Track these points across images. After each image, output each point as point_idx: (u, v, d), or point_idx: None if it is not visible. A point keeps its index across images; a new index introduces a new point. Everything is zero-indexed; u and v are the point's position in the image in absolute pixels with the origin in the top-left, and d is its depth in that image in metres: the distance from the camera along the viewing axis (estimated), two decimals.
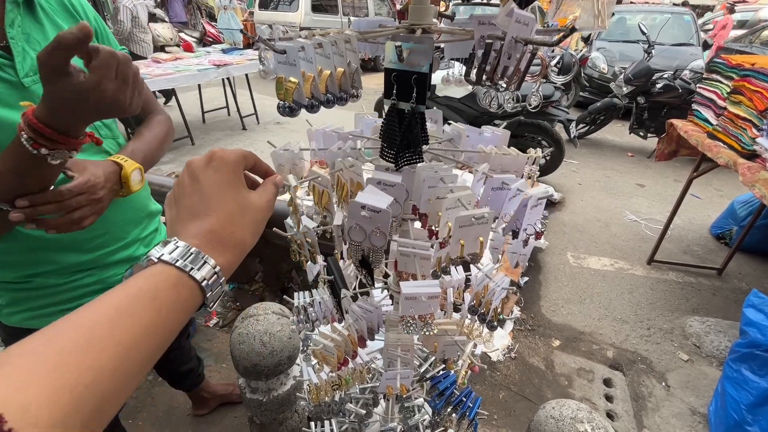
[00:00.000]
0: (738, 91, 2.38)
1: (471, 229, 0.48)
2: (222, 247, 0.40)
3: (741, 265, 3.17)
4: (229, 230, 0.40)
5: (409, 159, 0.48)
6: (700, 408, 2.06)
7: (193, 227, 0.40)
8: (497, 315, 0.61)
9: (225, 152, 0.43)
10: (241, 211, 0.42)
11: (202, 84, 5.70)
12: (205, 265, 0.37)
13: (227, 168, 0.42)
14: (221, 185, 0.41)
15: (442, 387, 0.80)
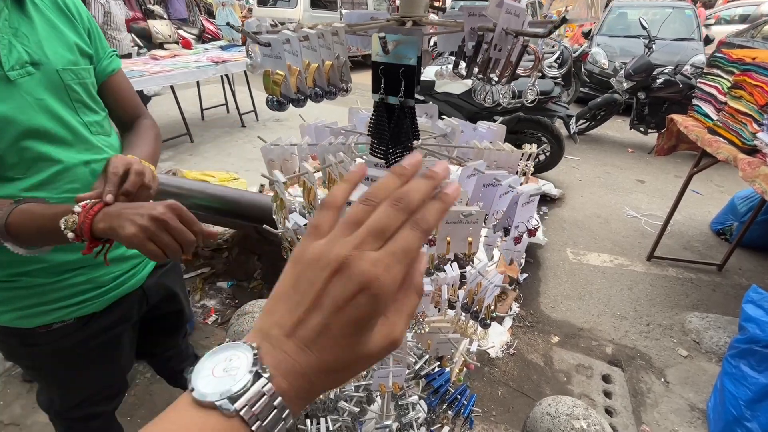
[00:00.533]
0: (738, 86, 2.36)
1: (459, 227, 0.47)
2: (305, 396, 0.31)
3: (741, 261, 3.16)
4: (323, 381, 0.31)
5: (399, 155, 0.47)
6: (699, 404, 2.06)
7: (289, 358, 0.30)
8: (490, 312, 0.60)
9: (383, 286, 0.30)
10: (350, 362, 0.31)
11: (200, 81, 5.68)
12: (280, 424, 0.29)
13: (372, 310, 0.30)
14: (352, 325, 0.30)
15: (436, 384, 0.80)
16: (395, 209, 0.32)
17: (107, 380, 1.16)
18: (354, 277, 0.29)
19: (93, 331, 1.01)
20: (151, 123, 1.10)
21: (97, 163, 0.93)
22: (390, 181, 0.34)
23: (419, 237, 0.32)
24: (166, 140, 4.95)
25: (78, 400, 1.12)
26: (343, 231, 0.32)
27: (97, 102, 0.97)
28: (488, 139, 0.68)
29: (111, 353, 1.10)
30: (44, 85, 0.83)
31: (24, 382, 1.96)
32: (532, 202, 0.51)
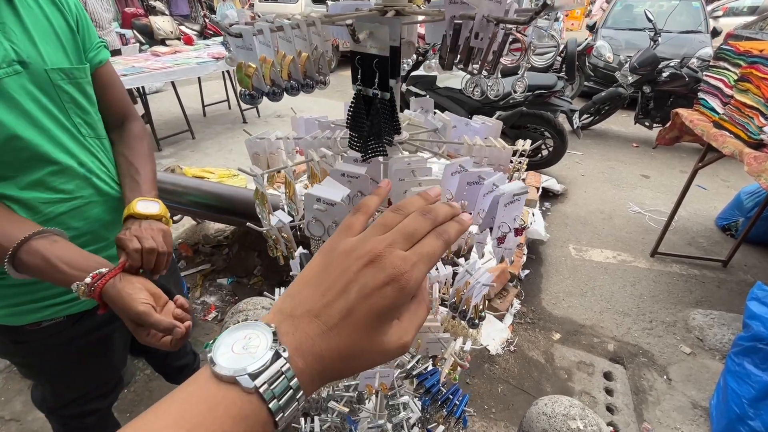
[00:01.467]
0: (745, 79, 2.31)
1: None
2: (320, 379, 0.32)
3: (747, 257, 3.12)
4: (339, 366, 0.32)
5: (378, 149, 0.46)
6: (701, 401, 2.04)
7: (309, 337, 0.31)
8: (478, 312, 0.59)
9: (410, 280, 0.32)
10: (365, 352, 0.33)
11: (202, 77, 5.67)
12: (294, 404, 0.30)
13: (398, 300, 0.32)
14: (374, 315, 0.32)
15: (428, 384, 0.78)
16: (424, 218, 0.36)
17: (100, 378, 1.15)
18: (386, 268, 0.32)
19: (84, 329, 1.01)
20: (141, 132, 1.07)
21: (90, 164, 0.92)
22: (417, 199, 0.39)
23: (441, 246, 0.35)
24: (168, 137, 4.95)
25: (71, 398, 1.12)
26: (376, 231, 0.36)
27: (91, 101, 0.94)
28: (482, 134, 0.66)
29: (103, 351, 1.10)
30: (32, 84, 0.81)
31: (25, 379, 1.97)
32: (517, 201, 0.49)
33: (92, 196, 0.93)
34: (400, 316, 0.35)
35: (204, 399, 0.28)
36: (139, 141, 1.05)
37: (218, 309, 2.51)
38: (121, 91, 1.05)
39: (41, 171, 0.84)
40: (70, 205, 0.89)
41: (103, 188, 0.96)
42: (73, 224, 0.90)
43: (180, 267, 2.83)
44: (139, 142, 1.05)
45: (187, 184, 1.39)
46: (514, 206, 0.47)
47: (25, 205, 0.83)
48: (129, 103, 1.08)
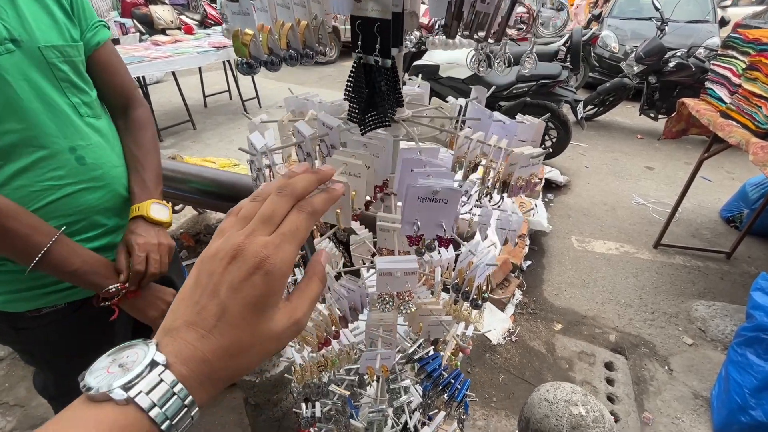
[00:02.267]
0: (754, 67, 2.27)
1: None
2: (210, 383, 0.31)
3: (751, 249, 3.10)
4: (226, 364, 0.31)
5: (376, 122, 0.44)
6: (702, 392, 2.04)
7: (188, 345, 0.30)
8: (481, 293, 0.58)
9: (281, 258, 0.32)
10: (251, 344, 0.32)
11: (203, 68, 5.63)
12: (183, 411, 0.29)
13: (268, 286, 0.32)
14: (247, 306, 0.32)
15: (429, 369, 0.78)
16: (279, 196, 0.35)
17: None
18: (248, 259, 0.32)
19: (85, 317, 1.00)
20: (146, 120, 1.05)
21: (84, 149, 0.89)
22: (275, 181, 0.37)
23: (305, 218, 0.35)
24: (169, 127, 4.93)
25: (73, 386, 1.12)
26: (237, 227, 0.35)
27: (86, 81, 0.93)
28: (517, 134, 0.59)
29: (104, 338, 1.09)
30: (27, 63, 0.80)
31: (28, 365, 1.99)
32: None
33: (87, 183, 0.90)
34: (288, 297, 0.35)
35: (80, 424, 0.27)
36: (145, 131, 1.03)
37: None
38: (123, 73, 1.02)
39: (29, 157, 0.81)
40: (62, 193, 0.86)
41: (102, 174, 0.93)
42: (65, 212, 0.88)
43: (182, 257, 2.83)
44: (144, 133, 1.03)
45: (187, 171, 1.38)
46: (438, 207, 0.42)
47: (13, 193, 0.80)
48: (133, 87, 1.05)
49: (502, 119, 0.58)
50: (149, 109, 1.08)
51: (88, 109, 0.92)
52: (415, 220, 0.44)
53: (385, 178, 0.54)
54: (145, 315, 0.95)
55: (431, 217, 0.43)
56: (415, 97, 0.68)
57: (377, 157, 0.49)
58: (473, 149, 0.52)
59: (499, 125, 0.58)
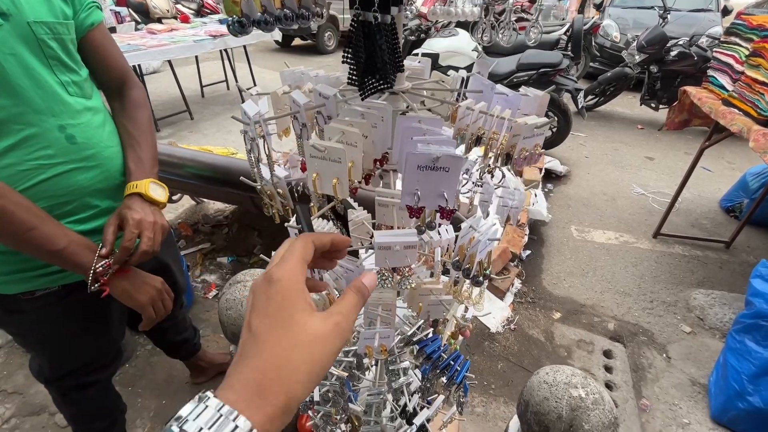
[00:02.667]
0: (758, 54, 2.24)
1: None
2: (261, 400, 0.31)
3: (750, 239, 3.10)
4: (272, 376, 0.32)
5: (375, 86, 0.42)
6: (700, 379, 2.05)
7: (233, 375, 0.32)
8: (483, 269, 0.56)
9: (282, 270, 0.35)
10: (290, 347, 0.33)
11: (200, 57, 5.56)
12: (236, 430, 0.29)
13: (281, 294, 0.34)
14: (272, 317, 0.33)
15: (428, 351, 0.77)
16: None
17: (98, 350, 1.15)
18: (259, 282, 0.36)
19: (80, 300, 0.99)
20: (142, 100, 1.04)
21: (74, 128, 0.87)
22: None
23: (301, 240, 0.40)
24: (165, 117, 4.89)
25: (68, 370, 1.11)
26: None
27: (75, 60, 0.91)
28: (520, 107, 0.57)
29: (99, 323, 1.08)
30: (15, 38, 0.78)
31: (27, 352, 1.99)
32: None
33: (78, 162, 0.88)
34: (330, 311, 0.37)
35: None
36: (140, 111, 1.02)
37: (219, 287, 2.51)
38: (117, 54, 1.01)
39: (17, 135, 0.79)
40: (52, 172, 0.84)
41: (94, 153, 0.91)
42: (55, 192, 0.86)
43: (180, 246, 2.82)
44: (140, 112, 1.01)
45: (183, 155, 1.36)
46: (439, 176, 0.41)
47: (1, 173, 0.78)
48: (127, 68, 1.04)
49: (505, 92, 0.56)
50: (145, 91, 1.07)
51: (77, 89, 0.90)
52: (415, 190, 0.42)
53: (384, 151, 0.52)
54: (135, 300, 0.93)
55: (432, 187, 0.42)
56: (415, 72, 0.66)
57: (375, 128, 0.47)
58: (475, 121, 0.51)
59: (501, 98, 0.57)
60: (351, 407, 0.89)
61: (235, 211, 3.10)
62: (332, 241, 0.42)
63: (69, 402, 1.22)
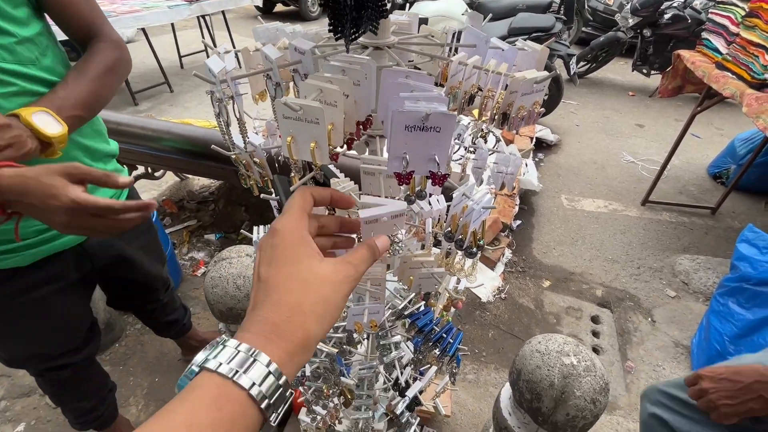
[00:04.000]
0: (754, 14, 2.18)
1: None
2: (277, 337, 0.32)
3: (735, 204, 3.14)
4: (286, 315, 0.33)
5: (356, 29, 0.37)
6: (683, 341, 2.11)
7: (247, 321, 0.34)
8: (476, 240, 0.54)
9: (282, 222, 0.37)
10: (302, 289, 0.34)
11: (176, 26, 5.26)
12: (255, 364, 0.30)
13: (283, 242, 0.36)
14: (278, 263, 0.35)
15: (420, 324, 0.75)
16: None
17: (54, 338, 1.10)
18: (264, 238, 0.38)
19: (19, 287, 0.93)
20: (105, 47, 0.89)
21: (3, 98, 0.76)
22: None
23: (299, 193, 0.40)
24: (143, 90, 4.66)
25: (23, 355, 1.08)
26: None
27: (12, 21, 0.77)
28: (511, 63, 0.52)
29: (43, 313, 1.02)
30: None
31: None
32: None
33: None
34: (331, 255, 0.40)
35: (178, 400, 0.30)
36: (91, 58, 0.87)
37: (207, 264, 2.47)
38: (83, 8, 0.89)
39: None
40: None
41: None
42: None
43: (165, 224, 2.75)
44: (91, 59, 0.87)
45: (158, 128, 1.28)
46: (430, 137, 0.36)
47: None
48: (96, 21, 0.91)
49: (500, 45, 0.51)
50: (117, 47, 0.92)
51: (9, 54, 0.77)
52: (403, 154, 0.38)
53: (369, 113, 0.47)
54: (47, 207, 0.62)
55: (422, 150, 0.38)
56: (402, 26, 0.60)
57: (358, 86, 0.42)
58: (468, 77, 0.46)
59: (496, 53, 0.52)
60: (343, 380, 0.88)
61: (221, 187, 3.02)
62: (331, 195, 0.42)
63: (47, 383, 1.21)
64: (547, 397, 0.92)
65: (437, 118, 0.36)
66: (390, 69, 0.41)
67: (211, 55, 0.44)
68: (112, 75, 0.89)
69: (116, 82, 0.91)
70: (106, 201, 0.64)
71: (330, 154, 0.42)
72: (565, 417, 0.92)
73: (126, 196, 1.12)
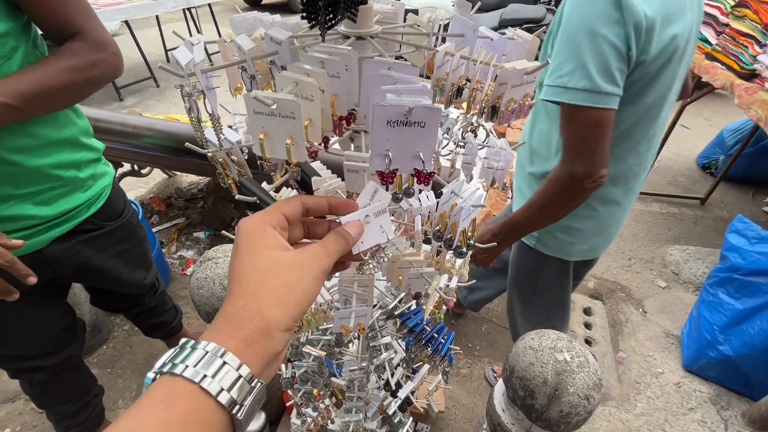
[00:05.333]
0: (743, 4, 2.18)
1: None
2: (230, 326, 0.30)
3: (724, 194, 3.17)
4: (241, 304, 0.31)
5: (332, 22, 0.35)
6: (674, 331, 2.13)
7: (216, 318, 0.32)
8: (466, 239, 0.52)
9: (246, 220, 0.36)
10: (260, 278, 0.32)
11: (161, 18, 5.13)
12: (206, 356, 0.28)
13: (244, 236, 0.35)
14: (238, 257, 0.34)
15: (411, 324, 0.73)
16: None
17: (18, 342, 1.06)
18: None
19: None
20: (78, 47, 0.83)
21: None
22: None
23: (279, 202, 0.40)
24: (129, 85, 4.55)
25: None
26: None
27: None
28: (501, 53, 0.49)
29: (6, 316, 0.99)
30: None
31: None
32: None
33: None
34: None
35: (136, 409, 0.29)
36: (59, 54, 0.82)
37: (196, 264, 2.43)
38: (57, 6, 0.82)
39: None
40: None
41: None
42: None
43: (153, 222, 2.70)
44: (56, 55, 0.82)
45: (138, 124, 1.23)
46: (414, 133, 0.34)
47: None
48: (75, 20, 0.85)
49: (489, 35, 0.49)
50: (96, 48, 0.86)
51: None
52: (386, 151, 0.35)
53: (351, 107, 0.45)
54: None
55: (406, 146, 0.35)
56: (387, 15, 0.57)
57: (338, 78, 0.40)
58: (455, 69, 0.44)
59: (485, 42, 0.49)
60: (334, 381, 0.86)
61: (209, 184, 2.96)
62: (329, 202, 0.40)
63: (26, 384, 1.18)
64: (541, 394, 0.91)
65: (421, 112, 0.33)
66: (372, 60, 0.38)
67: (179, 46, 0.41)
68: (78, 74, 0.83)
69: (84, 83, 0.85)
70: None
71: (308, 152, 0.39)
72: (559, 414, 0.91)
73: (107, 197, 1.08)
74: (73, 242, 1.01)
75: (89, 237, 1.04)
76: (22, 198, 0.88)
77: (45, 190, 0.91)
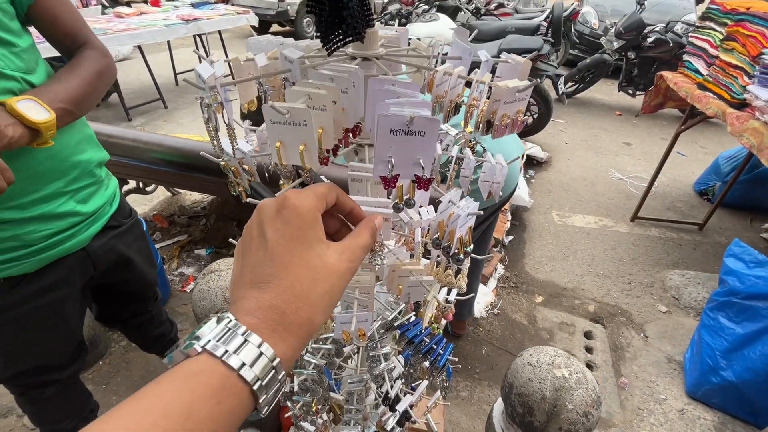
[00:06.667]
0: (731, 38, 2.28)
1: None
2: (284, 329, 0.31)
3: (722, 220, 3.20)
4: (295, 306, 0.31)
5: (341, 40, 0.38)
6: (676, 356, 2.11)
7: (251, 299, 0.31)
8: (463, 246, 0.54)
9: (300, 198, 0.34)
10: (312, 278, 0.32)
11: (173, 44, 5.34)
12: (261, 358, 0.29)
13: (299, 219, 0.33)
14: (290, 241, 0.32)
15: (410, 335, 0.74)
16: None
17: (52, 349, 1.07)
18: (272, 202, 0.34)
19: (25, 294, 0.92)
20: (93, 54, 0.93)
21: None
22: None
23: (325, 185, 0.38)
24: (138, 106, 4.69)
25: (20, 370, 1.05)
26: None
27: (11, 32, 0.81)
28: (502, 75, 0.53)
29: (50, 320, 1.00)
30: None
31: None
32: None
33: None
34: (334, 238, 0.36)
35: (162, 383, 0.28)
36: (83, 61, 0.90)
37: (197, 281, 2.43)
38: (66, 18, 0.92)
39: None
40: None
41: None
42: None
43: (155, 239, 2.72)
44: (81, 62, 0.90)
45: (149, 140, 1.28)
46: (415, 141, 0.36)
47: None
48: (82, 31, 0.94)
49: (482, 57, 0.53)
50: (103, 54, 0.96)
51: (18, 60, 0.81)
52: (388, 157, 0.39)
53: (357, 120, 0.48)
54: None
55: (407, 154, 0.38)
56: (391, 40, 0.61)
57: (346, 93, 0.43)
58: (453, 87, 0.47)
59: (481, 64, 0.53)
60: (332, 395, 0.86)
61: (212, 202, 3.01)
62: (353, 208, 0.40)
63: (29, 401, 1.16)
64: (540, 411, 0.91)
65: (421, 122, 0.36)
66: (377, 77, 0.42)
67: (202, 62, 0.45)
68: (100, 79, 0.93)
69: (103, 86, 0.95)
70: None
71: (320, 159, 0.43)
72: (558, 431, 0.90)
73: (119, 196, 1.13)
74: (107, 238, 1.07)
75: (117, 233, 1.10)
76: (69, 195, 0.94)
77: (83, 187, 0.98)
